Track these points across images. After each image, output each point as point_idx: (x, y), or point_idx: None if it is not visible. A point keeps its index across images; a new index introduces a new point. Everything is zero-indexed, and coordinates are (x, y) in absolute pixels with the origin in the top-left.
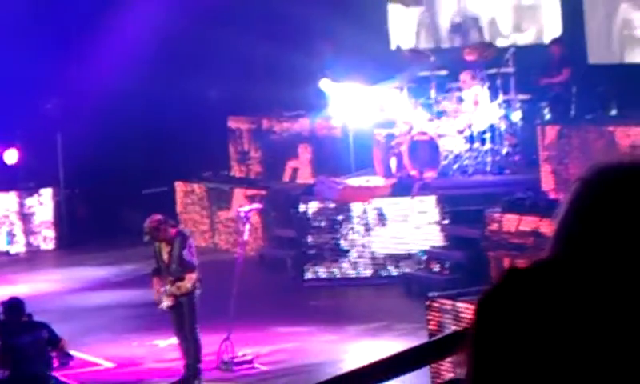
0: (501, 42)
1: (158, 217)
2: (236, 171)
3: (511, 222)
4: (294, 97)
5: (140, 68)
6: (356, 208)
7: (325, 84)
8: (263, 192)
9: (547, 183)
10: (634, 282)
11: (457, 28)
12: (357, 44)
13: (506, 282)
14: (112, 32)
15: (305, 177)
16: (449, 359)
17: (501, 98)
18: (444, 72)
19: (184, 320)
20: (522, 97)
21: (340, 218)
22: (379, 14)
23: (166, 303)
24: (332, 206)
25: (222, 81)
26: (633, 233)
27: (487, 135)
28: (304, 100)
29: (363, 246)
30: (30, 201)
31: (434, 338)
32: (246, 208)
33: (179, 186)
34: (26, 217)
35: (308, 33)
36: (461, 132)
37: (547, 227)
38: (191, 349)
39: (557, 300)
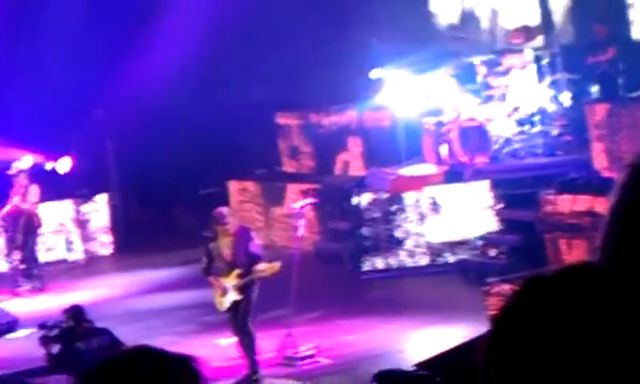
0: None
1: (226, 209)
2: (288, 167)
3: (565, 202)
4: (340, 89)
5: (188, 70)
6: (409, 197)
7: (377, 73)
8: (316, 186)
9: (599, 162)
10: None
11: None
12: (403, 32)
13: (525, 294)
14: (159, 35)
15: (357, 169)
16: None
17: (548, 79)
18: (491, 56)
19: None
20: (569, 77)
21: (394, 208)
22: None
23: (230, 298)
24: (385, 196)
25: (268, 77)
26: None
27: (537, 117)
28: (351, 91)
29: (418, 234)
30: (85, 208)
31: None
32: (300, 203)
33: (233, 185)
34: (82, 224)
35: (353, 23)
36: (509, 116)
37: (602, 206)
38: (245, 343)
39: (580, 313)
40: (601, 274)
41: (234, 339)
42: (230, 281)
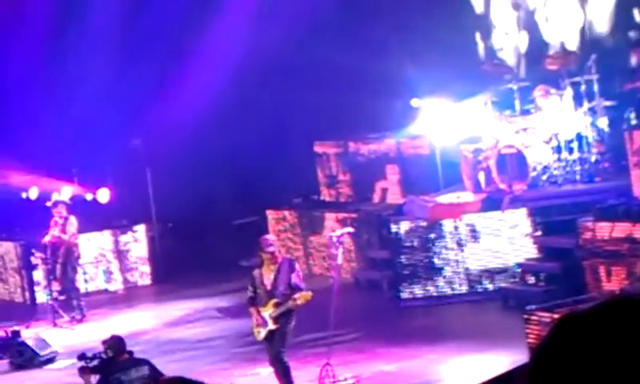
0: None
1: (272, 237)
2: (326, 195)
3: (604, 229)
4: (379, 117)
5: (226, 99)
6: (448, 225)
7: (416, 102)
8: (354, 215)
9: (638, 188)
10: None
11: None
12: (442, 60)
13: (561, 330)
14: (195, 64)
15: (394, 197)
16: None
17: (586, 105)
18: (527, 83)
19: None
20: (606, 103)
21: (432, 235)
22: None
23: (268, 328)
24: (423, 224)
25: (306, 106)
26: None
27: (575, 144)
28: (388, 119)
29: (457, 262)
30: (124, 238)
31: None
32: (338, 232)
33: (270, 214)
34: (121, 254)
35: (393, 52)
36: (547, 142)
37: None
38: (281, 373)
39: (616, 348)
40: (637, 306)
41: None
42: (268, 310)
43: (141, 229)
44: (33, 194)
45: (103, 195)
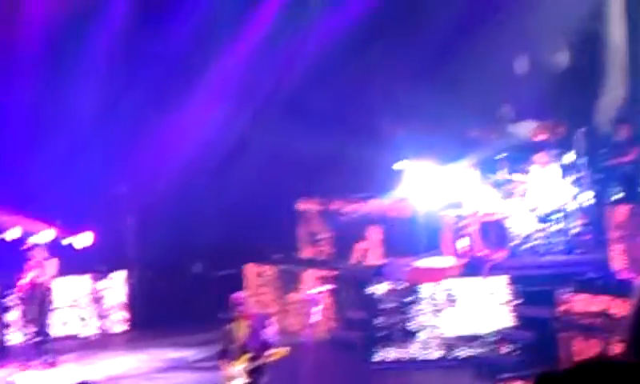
0: None
1: (244, 294)
2: (306, 253)
3: (582, 302)
4: (364, 179)
5: (210, 151)
6: (425, 289)
7: (402, 165)
8: (334, 273)
9: (618, 263)
10: None
11: None
12: (427, 125)
13: None
14: (182, 114)
15: (376, 258)
16: None
17: (571, 177)
18: (513, 152)
19: None
20: (591, 176)
21: (409, 299)
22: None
23: (240, 383)
24: (401, 287)
25: (291, 162)
26: None
27: (557, 215)
28: (375, 181)
29: (433, 327)
30: (102, 284)
31: None
32: (316, 290)
33: (250, 268)
34: (97, 300)
35: (381, 113)
36: (532, 211)
37: (617, 308)
38: None
39: None
40: (611, 368)
41: None
42: (241, 364)
43: (119, 275)
44: (11, 235)
45: (83, 240)
